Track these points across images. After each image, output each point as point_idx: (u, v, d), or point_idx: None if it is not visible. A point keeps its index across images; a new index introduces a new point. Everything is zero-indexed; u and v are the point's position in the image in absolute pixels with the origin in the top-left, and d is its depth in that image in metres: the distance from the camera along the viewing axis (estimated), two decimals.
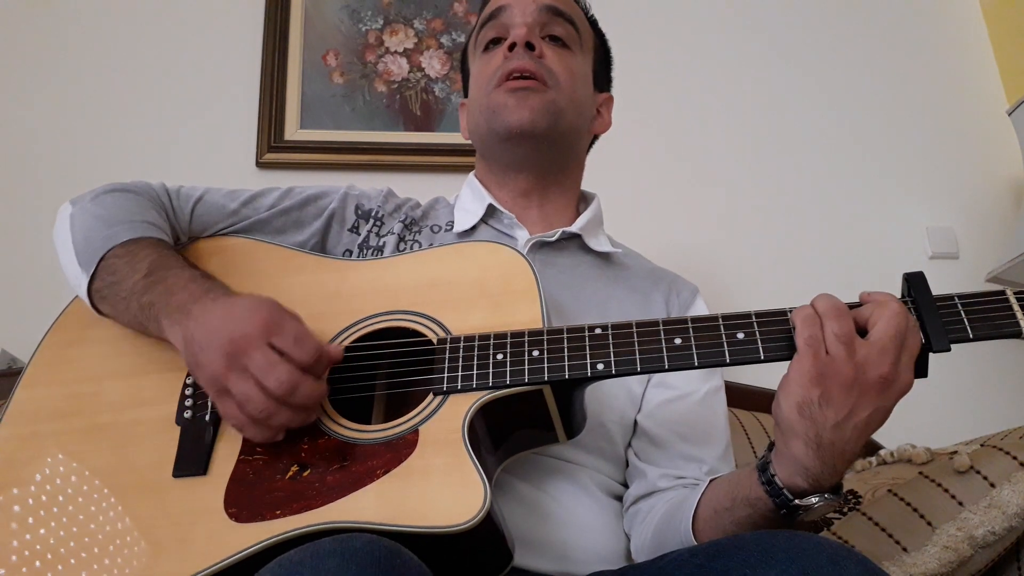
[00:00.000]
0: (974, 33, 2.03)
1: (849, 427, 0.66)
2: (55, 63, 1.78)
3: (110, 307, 0.84)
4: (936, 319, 0.68)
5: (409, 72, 1.85)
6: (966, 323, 0.68)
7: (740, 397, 1.47)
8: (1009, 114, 1.80)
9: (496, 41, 1.03)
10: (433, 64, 1.86)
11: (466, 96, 1.13)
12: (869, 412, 0.66)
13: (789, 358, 0.69)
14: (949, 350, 0.67)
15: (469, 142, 1.11)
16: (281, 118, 1.76)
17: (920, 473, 0.98)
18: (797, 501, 0.69)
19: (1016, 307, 0.68)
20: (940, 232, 1.82)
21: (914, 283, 0.71)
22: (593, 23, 1.11)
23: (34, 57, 1.78)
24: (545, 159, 1.02)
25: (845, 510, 1.04)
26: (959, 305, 0.69)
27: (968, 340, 0.68)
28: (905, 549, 0.92)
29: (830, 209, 1.84)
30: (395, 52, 1.86)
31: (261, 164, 1.74)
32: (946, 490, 0.93)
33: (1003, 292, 0.69)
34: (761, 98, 1.92)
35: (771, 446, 0.73)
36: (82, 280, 0.84)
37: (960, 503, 0.91)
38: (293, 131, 1.77)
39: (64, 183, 1.67)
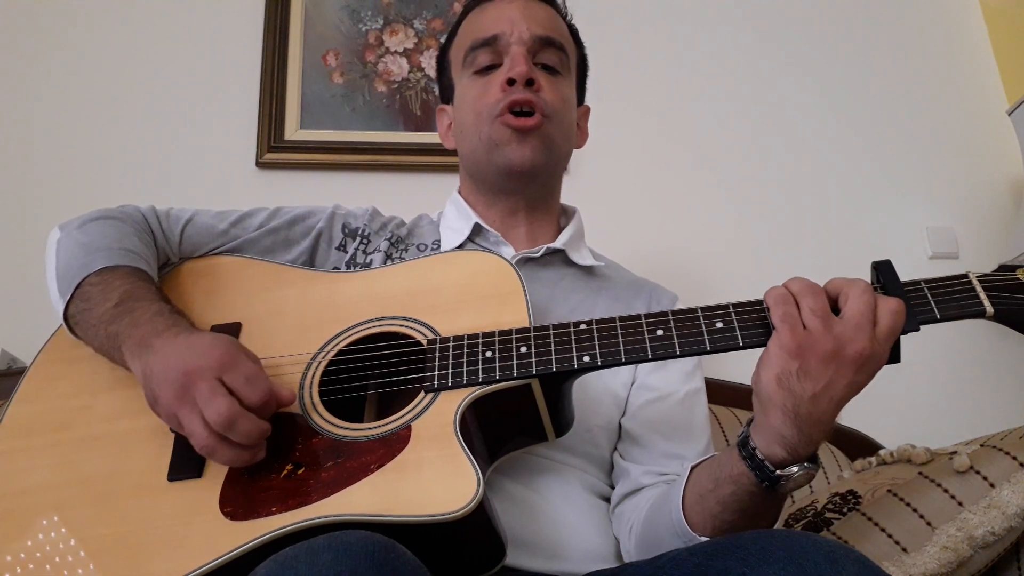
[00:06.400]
0: (974, 33, 2.03)
1: (825, 399, 0.68)
2: (55, 63, 1.79)
3: (83, 332, 0.86)
4: (905, 303, 0.70)
5: (409, 72, 1.85)
6: (933, 305, 0.71)
7: (744, 397, 1.47)
8: (1009, 114, 1.80)
9: (491, 67, 1.03)
10: (433, 64, 1.85)
11: (443, 100, 1.15)
12: (845, 385, 0.68)
13: (767, 344, 0.71)
14: (918, 330, 0.70)
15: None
16: (281, 118, 1.76)
17: (920, 473, 0.98)
18: (779, 471, 0.70)
19: (979, 288, 0.72)
20: (940, 232, 1.82)
21: (882, 270, 0.73)
22: (574, 33, 1.12)
23: (34, 58, 1.78)
24: (536, 188, 1.06)
25: (845, 510, 1.04)
26: (926, 289, 0.72)
27: (936, 321, 0.71)
28: (905, 549, 0.92)
29: (830, 209, 1.84)
30: (395, 52, 1.86)
31: (261, 164, 1.74)
32: (946, 490, 0.93)
33: (966, 276, 0.73)
34: (759, 98, 1.92)
35: (750, 421, 0.74)
36: (59, 305, 0.86)
37: (960, 503, 0.91)
38: (293, 131, 1.77)
39: (64, 184, 1.69)
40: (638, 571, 0.74)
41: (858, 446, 1.44)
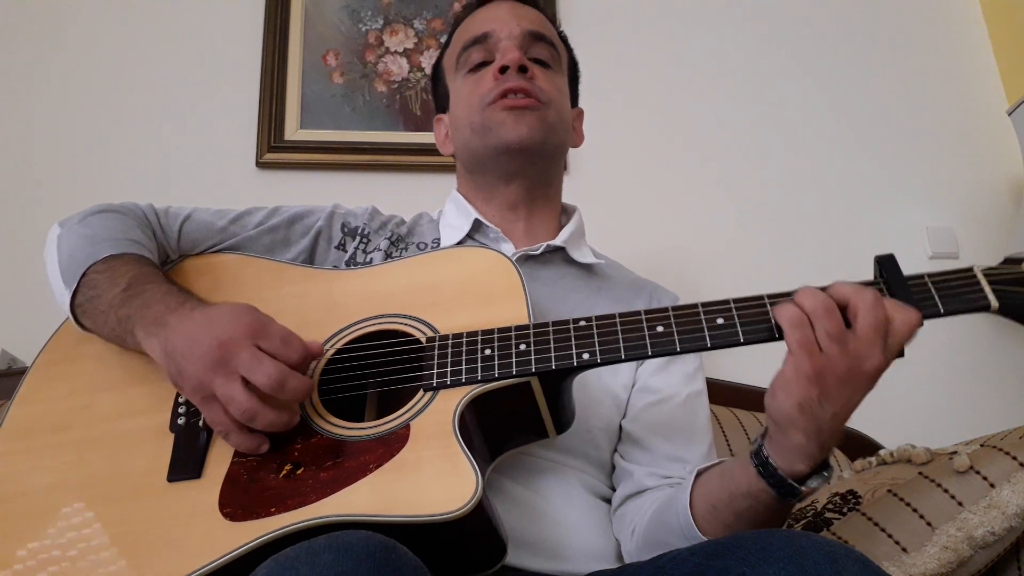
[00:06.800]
0: (974, 33, 2.03)
1: (844, 415, 0.70)
2: (55, 63, 1.79)
3: (91, 321, 0.85)
4: (908, 297, 0.70)
5: (409, 72, 1.85)
6: (937, 299, 0.70)
7: (743, 397, 1.47)
8: (1009, 114, 1.80)
9: (484, 64, 1.04)
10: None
11: (439, 111, 1.15)
12: (861, 398, 0.70)
13: (768, 340, 0.71)
14: (921, 325, 0.69)
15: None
16: (281, 118, 1.76)
17: (920, 473, 0.98)
18: (803, 488, 0.71)
19: (984, 283, 0.70)
20: (940, 232, 1.82)
21: (885, 264, 0.73)
22: (564, 40, 1.14)
23: (34, 58, 1.79)
24: (535, 172, 1.04)
25: (845, 510, 1.04)
26: (929, 283, 0.71)
27: (940, 315, 0.70)
28: (905, 549, 0.92)
29: (830, 209, 1.84)
30: (395, 52, 1.86)
31: (261, 164, 1.74)
32: (946, 490, 0.93)
33: (971, 269, 0.71)
34: (760, 98, 1.92)
35: (762, 434, 0.74)
36: (65, 296, 0.86)
37: (960, 503, 0.91)
38: (293, 131, 1.77)
39: (64, 184, 1.69)
40: (639, 571, 0.74)
41: (858, 446, 1.44)
